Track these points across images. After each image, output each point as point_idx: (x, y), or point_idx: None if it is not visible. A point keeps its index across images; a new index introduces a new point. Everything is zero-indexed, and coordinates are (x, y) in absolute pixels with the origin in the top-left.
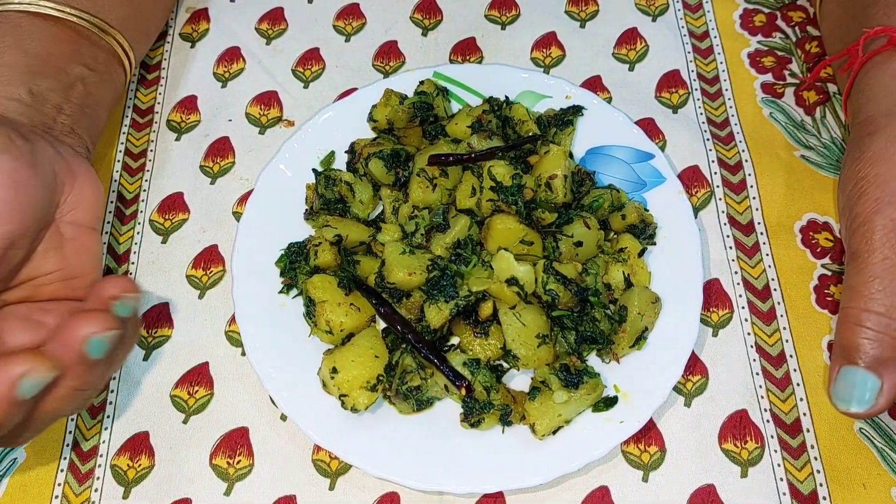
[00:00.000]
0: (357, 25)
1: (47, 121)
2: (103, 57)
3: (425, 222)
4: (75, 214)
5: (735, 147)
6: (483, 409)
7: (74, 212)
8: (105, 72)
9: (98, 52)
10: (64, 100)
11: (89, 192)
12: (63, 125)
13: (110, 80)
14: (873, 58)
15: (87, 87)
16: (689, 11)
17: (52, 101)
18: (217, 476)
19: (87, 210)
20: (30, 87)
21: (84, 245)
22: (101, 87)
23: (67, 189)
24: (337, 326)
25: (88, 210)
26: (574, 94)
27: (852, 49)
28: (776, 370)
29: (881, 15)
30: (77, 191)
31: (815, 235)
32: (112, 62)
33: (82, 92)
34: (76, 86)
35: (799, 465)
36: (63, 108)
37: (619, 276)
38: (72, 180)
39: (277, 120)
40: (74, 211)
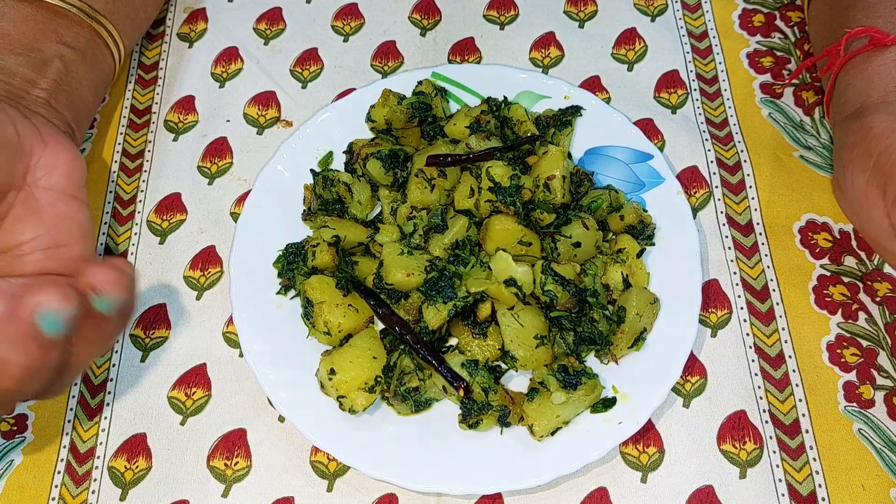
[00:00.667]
0: (355, 25)
1: (17, 91)
2: (85, 36)
3: (424, 223)
4: (49, 180)
5: (734, 147)
6: (481, 410)
7: (48, 177)
8: (88, 51)
9: (79, 30)
10: (38, 75)
11: (63, 159)
12: (37, 98)
13: (94, 60)
14: (854, 58)
15: (67, 65)
16: (688, 11)
17: (24, 76)
18: (215, 477)
19: (62, 176)
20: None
21: (64, 212)
22: (82, 65)
23: (37, 153)
24: (335, 327)
25: (64, 176)
26: (573, 94)
27: (832, 50)
28: (775, 371)
29: (861, 16)
30: (50, 156)
31: (814, 236)
32: (96, 42)
33: (61, 68)
34: (53, 62)
35: (798, 465)
36: (37, 82)
37: (617, 276)
38: (42, 145)
39: (275, 120)
40: (48, 176)
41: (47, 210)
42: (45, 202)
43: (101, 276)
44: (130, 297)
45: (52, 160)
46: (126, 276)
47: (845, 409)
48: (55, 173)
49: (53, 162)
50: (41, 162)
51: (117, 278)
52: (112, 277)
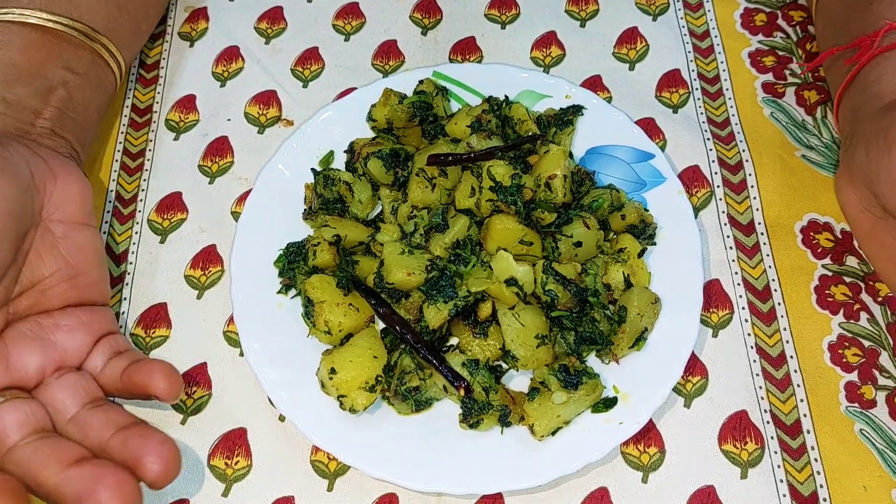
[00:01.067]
0: (356, 25)
1: (24, 126)
2: (87, 59)
3: (424, 222)
4: (63, 212)
5: (735, 147)
6: (482, 409)
7: (61, 210)
8: (91, 74)
9: (82, 54)
10: (42, 104)
11: (74, 189)
12: (42, 129)
13: (98, 82)
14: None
15: (70, 91)
16: (690, 11)
17: (30, 107)
18: (215, 477)
19: (74, 207)
20: (3, 97)
21: (78, 242)
22: (86, 89)
23: (49, 188)
24: (335, 327)
25: (76, 207)
26: (574, 93)
27: (865, 40)
28: (776, 371)
29: (887, 11)
30: (60, 189)
31: (816, 236)
32: (98, 64)
33: (64, 96)
34: (57, 90)
35: (799, 466)
36: (42, 112)
37: (618, 276)
38: (53, 180)
39: (276, 119)
40: (61, 209)
41: (63, 242)
42: (60, 235)
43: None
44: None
45: (63, 192)
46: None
47: (847, 409)
48: (67, 205)
49: (65, 194)
50: (54, 196)
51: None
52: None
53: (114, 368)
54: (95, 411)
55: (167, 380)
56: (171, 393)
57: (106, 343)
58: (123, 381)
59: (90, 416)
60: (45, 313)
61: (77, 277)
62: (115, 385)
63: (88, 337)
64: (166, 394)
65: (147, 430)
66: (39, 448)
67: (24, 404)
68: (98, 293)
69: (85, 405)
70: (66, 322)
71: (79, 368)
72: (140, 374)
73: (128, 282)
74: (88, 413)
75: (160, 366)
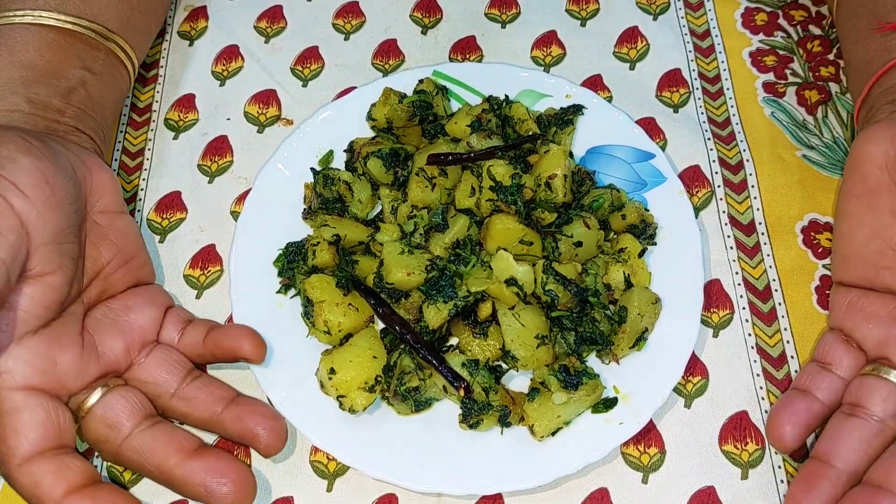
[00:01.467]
0: (356, 24)
1: (50, 124)
2: (103, 58)
3: (424, 222)
4: (103, 203)
5: (736, 147)
6: (482, 410)
7: (101, 201)
8: (106, 72)
9: (97, 53)
10: (65, 104)
11: (107, 180)
12: (66, 126)
13: (113, 80)
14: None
15: (89, 90)
16: (691, 10)
17: (53, 107)
18: None
19: (110, 197)
20: (28, 97)
21: (122, 228)
22: (103, 88)
23: (88, 182)
24: (335, 327)
25: (111, 196)
26: (574, 93)
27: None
28: (777, 371)
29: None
30: (97, 182)
31: (817, 236)
32: (114, 62)
33: (84, 95)
34: (77, 90)
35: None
36: (65, 111)
37: (619, 276)
38: (89, 173)
39: (276, 119)
40: (101, 200)
41: (110, 231)
42: (105, 224)
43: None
44: None
45: (99, 185)
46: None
47: None
48: (104, 196)
49: (101, 186)
50: (93, 188)
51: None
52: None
53: (192, 336)
54: (197, 385)
55: (253, 341)
56: (258, 353)
57: (173, 315)
58: (208, 346)
59: (194, 390)
60: (113, 298)
61: (130, 261)
62: (197, 351)
63: (157, 311)
64: (254, 354)
65: (256, 404)
66: (157, 436)
67: (127, 392)
68: (148, 273)
69: (184, 378)
70: (133, 301)
71: (158, 342)
72: (227, 338)
73: None
74: (191, 387)
75: (244, 329)
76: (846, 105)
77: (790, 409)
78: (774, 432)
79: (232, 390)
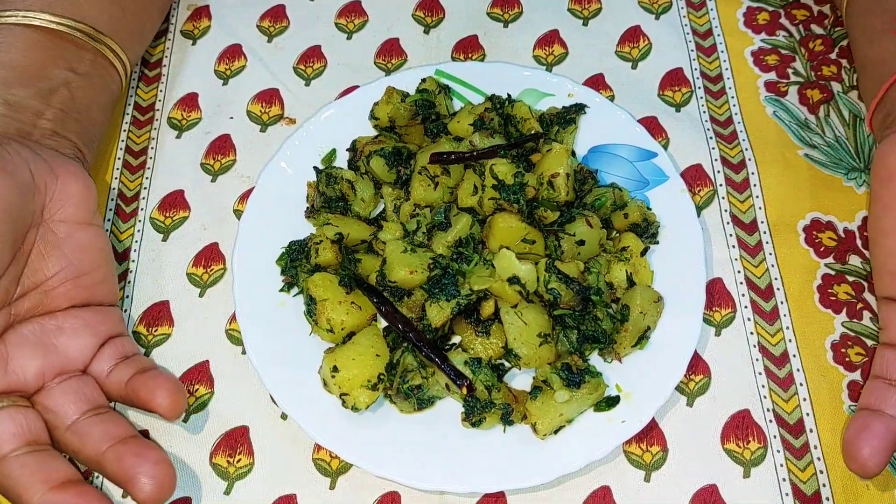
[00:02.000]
0: (359, 23)
1: (25, 127)
2: (90, 59)
3: (427, 220)
4: (65, 212)
5: (738, 146)
6: (484, 408)
7: (64, 209)
8: (94, 74)
9: (84, 54)
10: (44, 105)
11: (76, 189)
12: (44, 129)
13: (101, 82)
14: None
15: (73, 91)
16: (693, 9)
17: (31, 109)
18: (217, 475)
19: (77, 206)
20: (5, 98)
21: (82, 241)
22: (89, 89)
23: (51, 188)
24: (338, 325)
25: (78, 206)
26: (576, 92)
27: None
28: (779, 370)
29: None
30: (62, 189)
31: (819, 235)
32: (102, 64)
33: (66, 96)
34: (59, 90)
35: (802, 465)
36: (44, 113)
37: (621, 274)
38: (54, 179)
39: (279, 117)
40: (64, 209)
41: (66, 242)
42: (63, 235)
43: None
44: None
45: (64, 192)
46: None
47: (850, 408)
48: (69, 204)
49: (66, 193)
50: (55, 195)
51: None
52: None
53: (120, 375)
54: (95, 420)
55: (171, 398)
56: (173, 411)
57: (112, 346)
58: (127, 390)
59: (89, 426)
60: (49, 315)
61: (81, 277)
62: (119, 392)
63: (93, 339)
64: (169, 412)
65: (144, 447)
66: (27, 464)
67: (20, 413)
68: (105, 293)
69: (86, 412)
70: (70, 324)
71: (84, 372)
72: (144, 389)
73: (130, 280)
74: (87, 422)
75: (165, 382)
76: (848, 104)
77: (868, 432)
78: (855, 458)
79: (131, 430)
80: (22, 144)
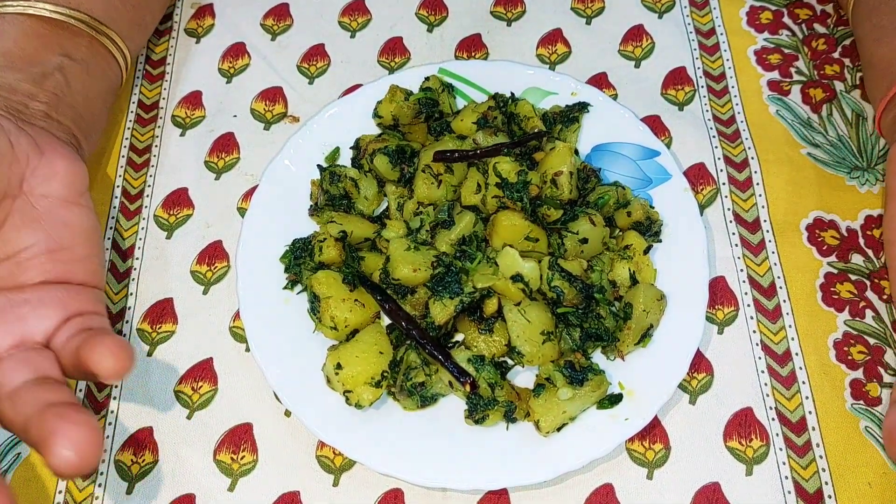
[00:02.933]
0: (362, 21)
1: (16, 105)
2: (86, 45)
3: (430, 219)
4: (48, 187)
5: (741, 144)
6: (487, 405)
7: (46, 185)
8: (90, 61)
9: (80, 41)
10: (36, 88)
11: (61, 166)
12: (35, 111)
13: (99, 70)
14: None
15: (67, 77)
16: (696, 8)
17: (22, 90)
18: (221, 471)
19: (61, 183)
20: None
21: (64, 218)
22: (85, 76)
23: (33, 163)
24: (341, 322)
25: (63, 184)
26: (580, 90)
27: None
28: (782, 368)
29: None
30: (46, 165)
31: (821, 233)
32: (99, 51)
33: (60, 80)
34: (52, 75)
35: (804, 463)
36: (36, 95)
37: (624, 273)
38: (38, 154)
39: (282, 116)
40: (46, 184)
41: (46, 217)
42: (43, 209)
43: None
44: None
45: (49, 168)
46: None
47: (852, 406)
48: (53, 181)
49: (50, 170)
50: (38, 171)
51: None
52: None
53: (72, 344)
54: (33, 387)
55: (113, 357)
56: (115, 370)
57: (77, 322)
58: (73, 356)
59: (25, 391)
60: (18, 288)
61: (57, 252)
62: (71, 362)
63: (59, 314)
64: (110, 371)
65: (70, 408)
66: None
67: None
68: (84, 272)
69: (28, 381)
70: (37, 297)
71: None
72: (86, 348)
73: (134, 277)
74: (25, 387)
75: (109, 340)
76: (851, 103)
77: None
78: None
79: (69, 397)
80: (6, 118)
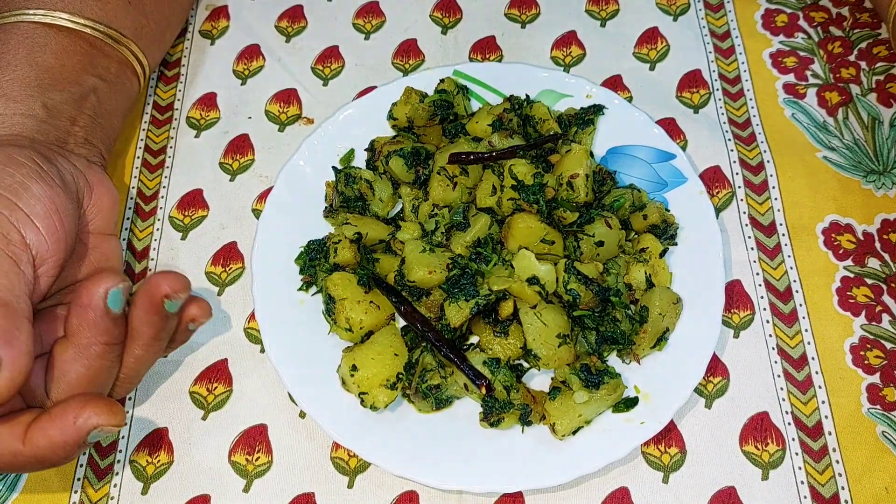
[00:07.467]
0: (377, 23)
1: (62, 135)
2: (115, 67)
3: (445, 221)
4: (95, 223)
5: (757, 147)
6: (503, 408)
7: (94, 221)
8: (118, 82)
9: (110, 62)
10: (77, 112)
11: (107, 201)
12: (77, 137)
13: (123, 89)
14: None
15: (100, 98)
16: (711, 11)
17: (66, 114)
18: (236, 473)
19: (105, 218)
20: (44, 102)
21: (105, 251)
22: (113, 97)
23: (86, 201)
24: (356, 324)
25: (106, 217)
26: (595, 93)
27: None
28: (798, 372)
29: None
30: (95, 200)
31: (837, 237)
32: (125, 72)
33: (95, 103)
34: (89, 97)
35: (820, 468)
36: (77, 119)
37: (640, 276)
38: (89, 192)
39: (297, 117)
40: (94, 220)
41: (93, 252)
42: (91, 245)
43: (168, 283)
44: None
45: (97, 204)
46: (186, 283)
47: (868, 411)
48: (99, 217)
49: (99, 206)
50: (89, 208)
51: (178, 282)
52: (174, 282)
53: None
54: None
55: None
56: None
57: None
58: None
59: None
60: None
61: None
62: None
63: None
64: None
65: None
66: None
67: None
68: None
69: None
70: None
71: None
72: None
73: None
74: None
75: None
76: (867, 106)
77: None
78: None
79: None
80: (64, 157)
